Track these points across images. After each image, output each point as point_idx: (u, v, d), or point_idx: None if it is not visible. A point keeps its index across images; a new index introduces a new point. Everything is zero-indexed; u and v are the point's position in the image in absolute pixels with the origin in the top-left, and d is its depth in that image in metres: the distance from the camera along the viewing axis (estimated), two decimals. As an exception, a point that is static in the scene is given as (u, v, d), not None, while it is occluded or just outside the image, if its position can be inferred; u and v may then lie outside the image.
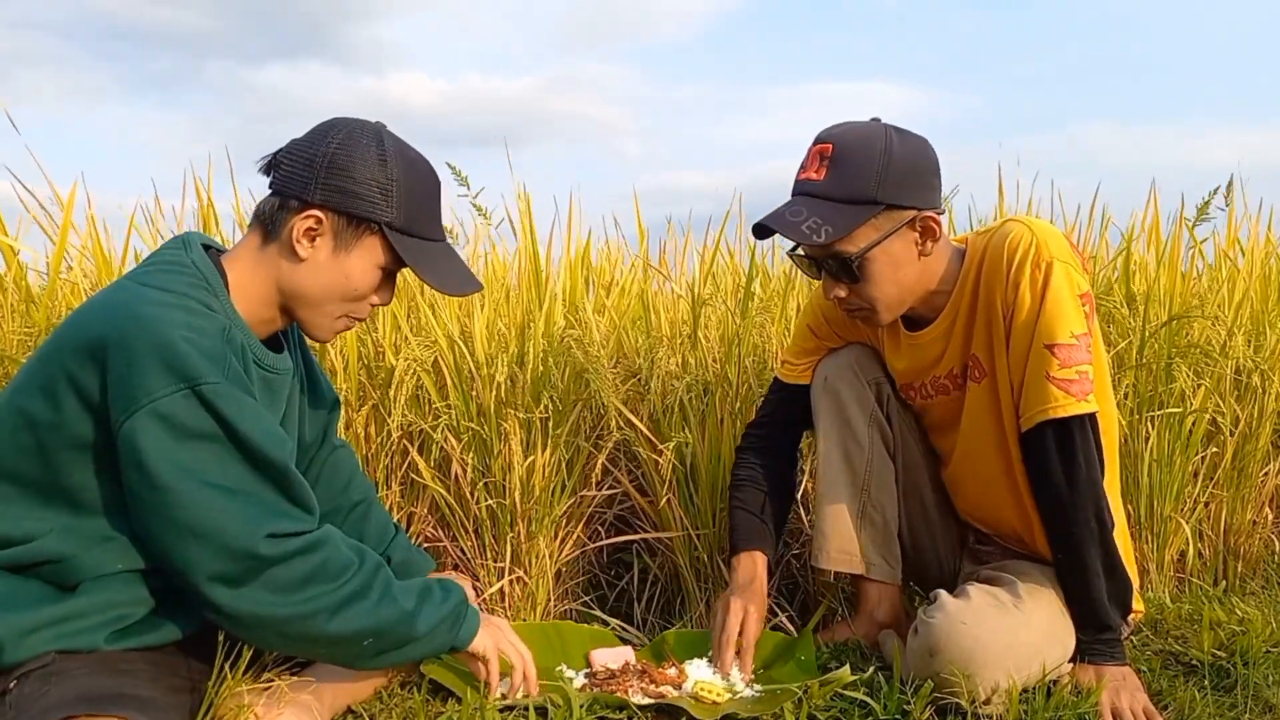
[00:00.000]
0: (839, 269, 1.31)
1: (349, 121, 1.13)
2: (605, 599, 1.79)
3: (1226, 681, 1.39)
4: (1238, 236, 2.37)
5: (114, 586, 1.04)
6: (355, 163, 1.09)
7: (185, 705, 1.06)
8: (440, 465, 1.75)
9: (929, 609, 1.30)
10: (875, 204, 1.26)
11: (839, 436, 1.53)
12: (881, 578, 1.55)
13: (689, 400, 1.74)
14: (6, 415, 1.03)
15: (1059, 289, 1.26)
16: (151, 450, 0.96)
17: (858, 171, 1.26)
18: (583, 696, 1.26)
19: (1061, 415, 1.26)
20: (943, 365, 1.42)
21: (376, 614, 1.07)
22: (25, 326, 1.75)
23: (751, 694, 1.35)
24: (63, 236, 1.81)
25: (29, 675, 0.97)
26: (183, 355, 0.97)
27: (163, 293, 1.04)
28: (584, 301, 2.01)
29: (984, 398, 1.39)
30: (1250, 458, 1.98)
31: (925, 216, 1.30)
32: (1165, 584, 1.87)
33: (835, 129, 1.31)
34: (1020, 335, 1.29)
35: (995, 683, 1.23)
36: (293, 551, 1.01)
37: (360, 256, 1.12)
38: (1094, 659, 1.33)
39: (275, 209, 1.11)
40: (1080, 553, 1.30)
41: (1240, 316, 2.05)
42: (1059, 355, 1.25)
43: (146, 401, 0.96)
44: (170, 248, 1.12)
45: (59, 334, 1.06)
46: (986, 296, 1.33)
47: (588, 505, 1.78)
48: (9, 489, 1.03)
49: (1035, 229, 1.29)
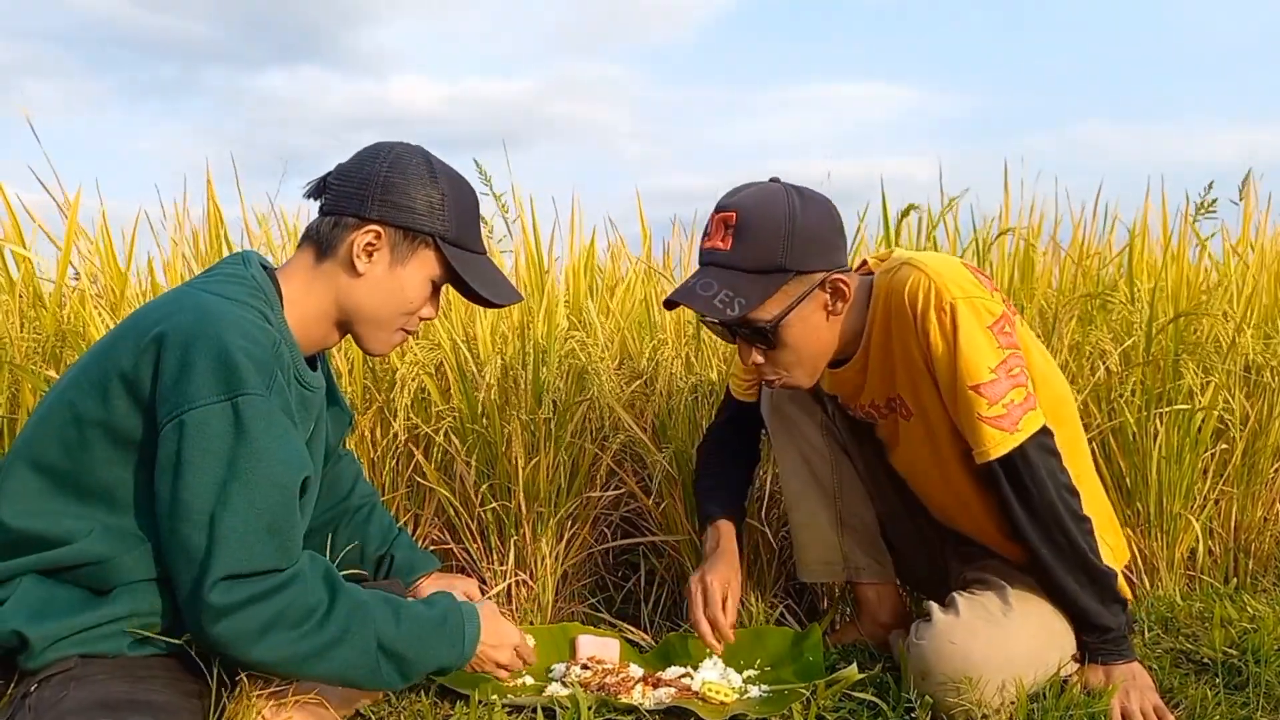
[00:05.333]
0: (754, 336, 1.29)
1: (393, 144, 1.19)
2: (612, 601, 1.79)
3: (1238, 679, 1.38)
4: (1248, 231, 2.35)
5: (142, 595, 1.05)
6: (408, 180, 1.15)
7: (199, 709, 1.07)
8: (445, 468, 1.76)
9: (919, 628, 1.28)
10: (784, 271, 1.25)
11: (797, 449, 1.54)
12: (874, 579, 1.54)
13: (694, 402, 1.74)
14: (56, 409, 1.05)
15: (968, 329, 1.24)
16: (182, 458, 0.98)
17: (764, 240, 1.24)
18: (590, 699, 1.26)
19: (1000, 453, 1.25)
20: (865, 395, 1.42)
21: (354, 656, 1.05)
22: (34, 333, 1.76)
23: (759, 694, 1.35)
24: (67, 242, 1.82)
25: (50, 679, 0.99)
26: (235, 365, 0.99)
27: (225, 300, 1.07)
28: (587, 303, 2.01)
29: (916, 432, 1.39)
30: (1261, 454, 1.96)
31: (834, 279, 1.28)
32: (1176, 582, 1.85)
33: (736, 195, 1.29)
34: (944, 381, 1.28)
35: (994, 695, 1.22)
36: (243, 600, 0.99)
37: (415, 269, 1.17)
38: (1102, 659, 1.32)
39: (331, 228, 1.15)
40: (1054, 572, 1.29)
41: (1250, 312, 2.04)
42: (985, 394, 1.24)
43: (188, 408, 0.98)
44: (230, 262, 1.16)
45: (116, 333, 1.08)
46: (900, 343, 1.31)
47: (593, 507, 1.78)
48: (47, 483, 1.04)
49: (930, 271, 1.26)
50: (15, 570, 1.03)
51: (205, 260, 1.98)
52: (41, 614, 1.01)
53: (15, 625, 0.99)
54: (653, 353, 1.86)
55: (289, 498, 1.03)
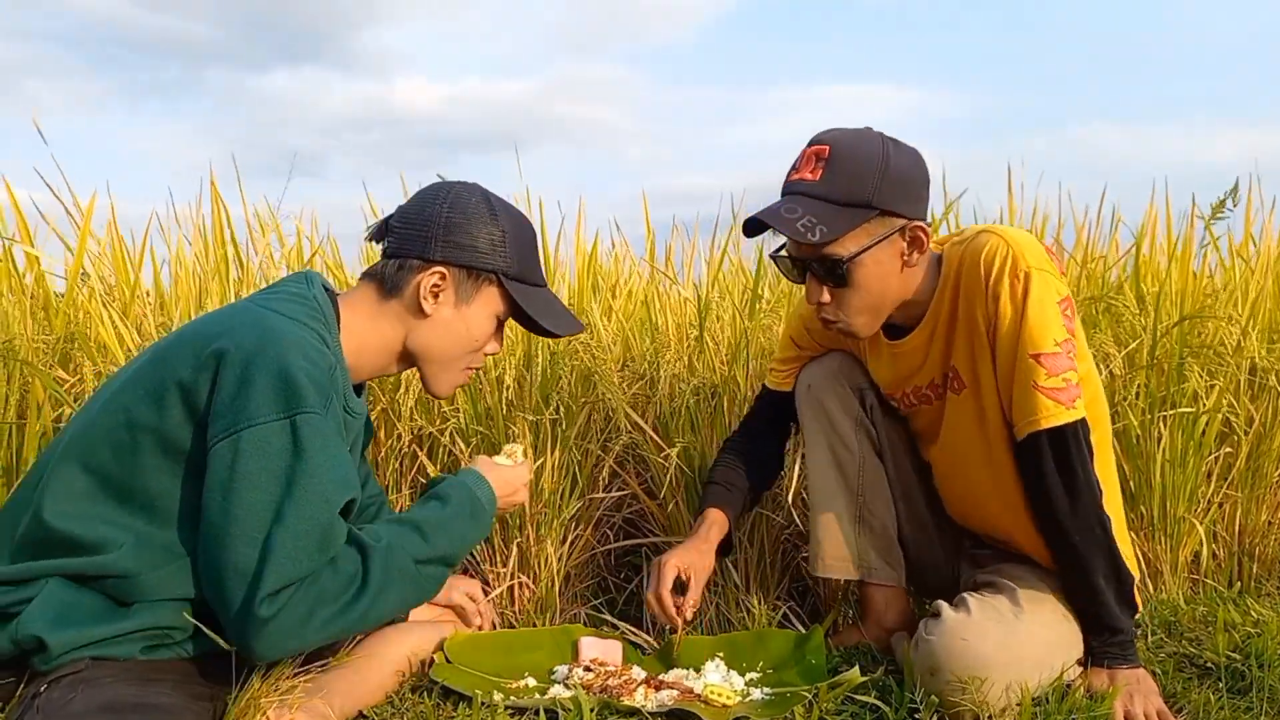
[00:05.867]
0: (826, 272, 1.30)
1: (452, 184, 1.23)
2: (614, 602, 1.79)
3: (1242, 684, 1.38)
4: (1251, 234, 2.35)
5: (162, 611, 1.06)
6: (469, 219, 1.19)
7: (206, 711, 1.08)
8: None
9: (929, 625, 1.28)
10: (870, 208, 1.26)
11: (828, 443, 1.54)
12: (884, 580, 1.54)
13: (696, 403, 1.74)
14: (110, 410, 1.07)
15: (1040, 298, 1.25)
16: (237, 473, 1.00)
17: (854, 174, 1.25)
18: (592, 701, 1.26)
19: (1053, 424, 1.26)
20: (923, 375, 1.42)
21: (401, 591, 1.10)
22: (44, 333, 1.77)
23: (761, 697, 1.35)
24: (81, 244, 1.83)
25: (60, 680, 1.00)
26: (295, 383, 1.02)
27: (289, 320, 1.09)
28: (591, 305, 2.01)
29: (965, 408, 1.38)
30: (1265, 457, 1.96)
31: (915, 226, 1.29)
32: (1179, 585, 1.85)
33: (832, 132, 1.30)
34: (1005, 347, 1.28)
35: (1000, 696, 1.22)
36: (284, 603, 1.01)
37: (480, 306, 1.22)
38: (1107, 662, 1.32)
39: (396, 270, 1.19)
40: (1085, 561, 1.29)
41: (1255, 315, 2.03)
42: (1045, 364, 1.25)
43: (246, 425, 1.00)
44: (294, 281, 1.18)
45: (176, 341, 1.09)
46: (966, 309, 1.32)
47: (596, 508, 1.78)
48: (94, 485, 1.06)
49: (1010, 239, 1.28)
50: (43, 571, 1.04)
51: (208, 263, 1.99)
52: (64, 620, 1.02)
53: (37, 630, 1.00)
54: (655, 355, 1.86)
55: (333, 516, 1.05)
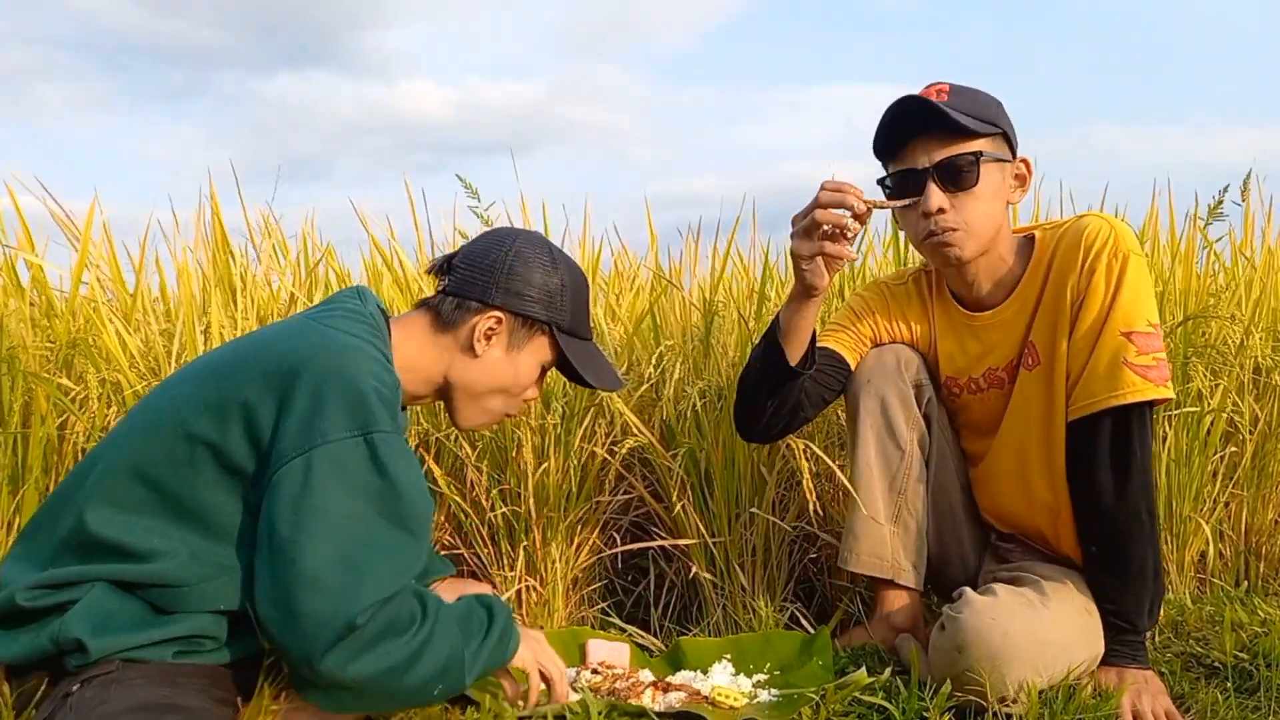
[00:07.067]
0: (955, 173, 1.33)
1: (517, 231, 1.28)
2: (622, 605, 1.79)
3: (1249, 684, 1.38)
4: (1251, 233, 2.35)
5: (202, 621, 1.06)
6: (531, 269, 1.22)
7: (229, 717, 1.08)
8: (455, 472, 1.76)
9: (955, 605, 1.29)
10: (996, 127, 1.35)
11: (879, 440, 1.53)
12: (909, 583, 1.54)
13: (702, 407, 1.74)
14: (168, 422, 1.06)
15: (1135, 278, 1.29)
16: (313, 491, 0.99)
17: (979, 100, 1.36)
18: (600, 704, 1.26)
19: (1138, 399, 1.27)
20: (999, 354, 1.44)
21: (440, 658, 1.05)
22: (47, 340, 1.78)
23: (769, 698, 1.35)
24: (83, 252, 1.83)
25: (92, 680, 1.00)
26: (369, 403, 1.02)
27: (356, 340, 1.09)
28: (594, 308, 2.02)
29: (1035, 386, 1.39)
30: (1271, 457, 1.96)
31: (1024, 160, 1.40)
32: (1186, 585, 1.85)
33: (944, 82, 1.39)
34: (1090, 323, 1.30)
35: (1023, 679, 1.22)
36: (368, 619, 0.99)
37: (529, 354, 1.25)
38: (1116, 661, 1.32)
39: (454, 308, 1.22)
40: (1128, 549, 1.29)
41: (1258, 315, 2.03)
42: (1136, 342, 1.27)
43: (320, 442, 1.00)
44: (349, 297, 1.19)
45: (239, 358, 1.08)
46: (1057, 283, 1.36)
47: (603, 511, 1.78)
48: (150, 497, 1.05)
49: (1113, 222, 1.34)
50: (91, 575, 1.04)
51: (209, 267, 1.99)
52: (106, 625, 1.02)
53: (79, 633, 1.00)
54: (659, 359, 1.86)
55: (425, 527, 1.06)
